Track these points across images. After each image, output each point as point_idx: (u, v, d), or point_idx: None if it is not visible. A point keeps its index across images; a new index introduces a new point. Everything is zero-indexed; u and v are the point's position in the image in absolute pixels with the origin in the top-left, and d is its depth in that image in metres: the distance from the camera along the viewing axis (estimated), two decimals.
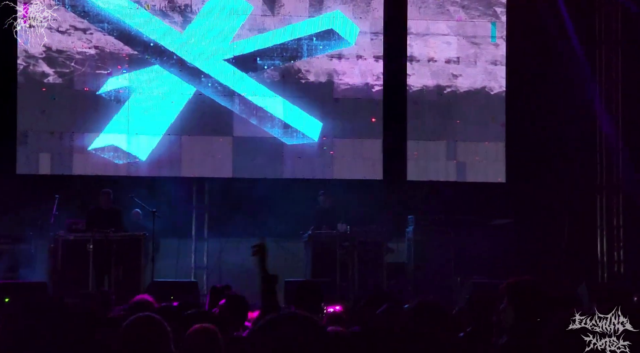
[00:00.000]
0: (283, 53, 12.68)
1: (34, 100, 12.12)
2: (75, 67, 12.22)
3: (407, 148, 12.89)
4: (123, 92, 12.31)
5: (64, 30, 12.23)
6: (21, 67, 12.12)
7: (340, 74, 12.79)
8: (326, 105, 12.70)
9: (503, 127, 13.04)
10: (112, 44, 12.32)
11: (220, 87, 12.50)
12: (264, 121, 12.58)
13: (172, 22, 12.49)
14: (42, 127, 12.13)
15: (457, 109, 13.02)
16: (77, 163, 12.19)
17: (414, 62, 12.98)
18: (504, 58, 13.10)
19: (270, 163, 12.54)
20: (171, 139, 12.39)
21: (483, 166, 13.05)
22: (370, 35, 12.85)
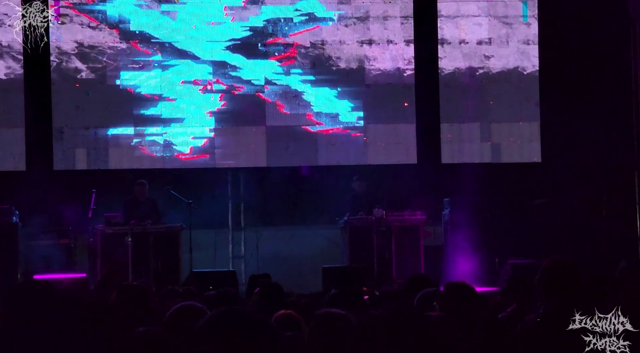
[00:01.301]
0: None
1: (68, 96, 12.24)
2: (107, 62, 12.31)
3: (440, 131, 12.84)
4: (156, 86, 12.38)
5: (95, 26, 12.32)
6: (54, 64, 12.23)
7: (372, 60, 12.74)
8: (358, 91, 12.67)
9: (537, 107, 12.93)
10: (143, 37, 12.38)
11: (252, 78, 12.52)
12: (297, 110, 12.59)
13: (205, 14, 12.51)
14: (77, 123, 12.24)
15: (490, 90, 12.93)
16: (112, 157, 12.29)
17: (445, 45, 12.90)
18: (537, 37, 12.97)
19: (304, 151, 12.56)
20: (205, 130, 12.44)
21: (518, 146, 12.96)
22: (400, 20, 12.78)
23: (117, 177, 12.01)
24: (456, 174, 12.39)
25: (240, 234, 12.65)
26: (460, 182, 12.26)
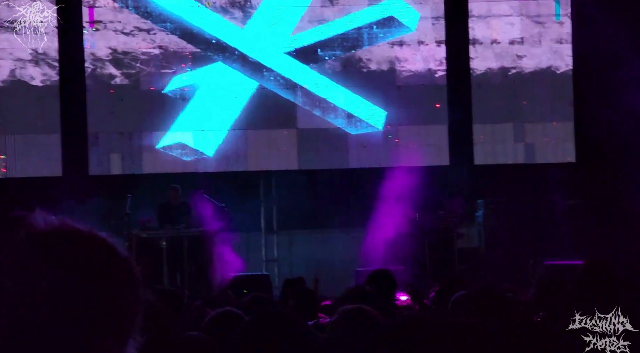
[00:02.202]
0: (344, 43, 12.68)
1: (103, 102, 12.38)
2: (141, 67, 12.43)
3: (473, 132, 12.78)
4: (188, 90, 12.48)
5: (129, 31, 12.45)
6: (89, 70, 12.38)
7: (402, 61, 12.72)
8: (389, 93, 12.66)
9: (571, 107, 12.81)
10: (175, 43, 12.49)
11: (282, 81, 12.57)
12: (328, 112, 12.60)
13: (232, 17, 12.60)
14: (111, 128, 12.38)
15: (523, 90, 12.84)
16: (146, 161, 12.41)
17: (476, 45, 12.83)
18: (570, 36, 12.85)
19: (335, 154, 12.57)
20: (236, 134, 12.51)
21: (552, 146, 12.85)
22: (431, 20, 12.74)
23: (151, 181, 12.12)
24: (489, 176, 12.32)
25: (272, 237, 12.70)
26: (494, 183, 12.20)
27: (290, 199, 12.46)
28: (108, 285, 1.20)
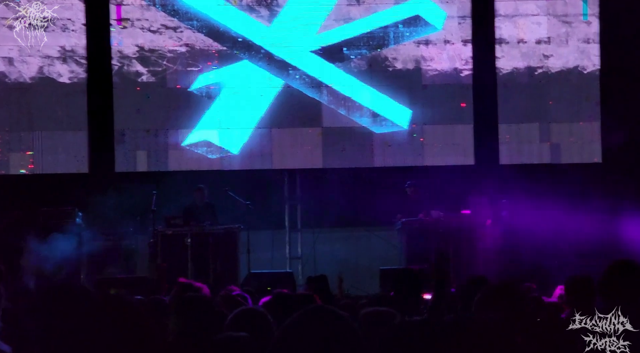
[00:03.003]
0: (369, 42, 12.67)
1: (129, 99, 12.46)
2: (167, 65, 12.50)
3: (498, 132, 12.73)
4: (214, 88, 12.53)
5: (155, 29, 12.52)
6: (116, 68, 12.46)
7: (428, 60, 12.69)
8: (415, 92, 12.64)
9: (598, 107, 12.73)
10: (202, 41, 12.54)
11: (308, 79, 12.59)
12: (353, 111, 12.60)
13: (258, 16, 12.63)
14: (138, 126, 12.46)
15: (550, 90, 12.77)
16: (172, 159, 12.48)
17: (503, 44, 12.78)
18: (597, 36, 12.77)
19: (360, 152, 12.57)
20: (261, 132, 12.55)
21: (578, 146, 12.78)
22: (457, 19, 12.71)
23: (176, 178, 12.18)
24: (515, 175, 12.26)
25: (297, 235, 12.72)
26: (519, 183, 12.14)
27: (314, 198, 12.48)
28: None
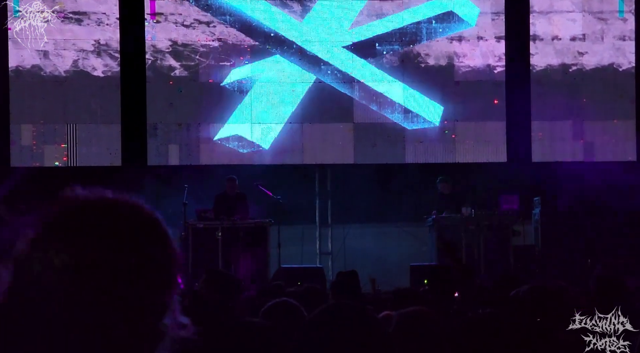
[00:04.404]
0: (402, 37, 12.64)
1: (162, 93, 12.53)
2: (200, 59, 12.55)
3: (531, 129, 12.64)
4: (246, 83, 12.57)
5: (189, 24, 12.58)
6: (149, 62, 12.54)
7: (461, 57, 12.63)
8: (447, 88, 12.59)
9: (633, 104, 12.59)
10: (234, 35, 12.59)
11: (339, 75, 12.58)
12: (384, 107, 12.58)
13: (291, 11, 12.64)
14: (170, 120, 12.53)
15: (584, 88, 12.66)
16: (203, 153, 12.54)
17: (537, 41, 12.68)
18: (633, 33, 12.63)
19: (391, 149, 12.55)
20: (293, 127, 12.57)
21: (612, 145, 12.66)
22: (491, 16, 12.63)
23: (207, 172, 12.24)
24: (547, 173, 12.18)
25: (327, 230, 12.73)
26: (552, 181, 12.06)
27: (345, 193, 12.48)
28: (144, 244, 1.29)
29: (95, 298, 1.23)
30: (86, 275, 1.23)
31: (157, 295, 1.28)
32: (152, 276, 1.28)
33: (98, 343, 1.23)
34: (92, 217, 1.29)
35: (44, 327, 1.21)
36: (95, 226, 1.28)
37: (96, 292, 1.23)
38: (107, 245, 1.26)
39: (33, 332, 1.21)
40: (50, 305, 1.21)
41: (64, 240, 1.26)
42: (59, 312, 1.21)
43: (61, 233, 1.26)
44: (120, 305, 1.24)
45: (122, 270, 1.25)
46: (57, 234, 1.26)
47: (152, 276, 1.28)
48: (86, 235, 1.26)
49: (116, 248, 1.26)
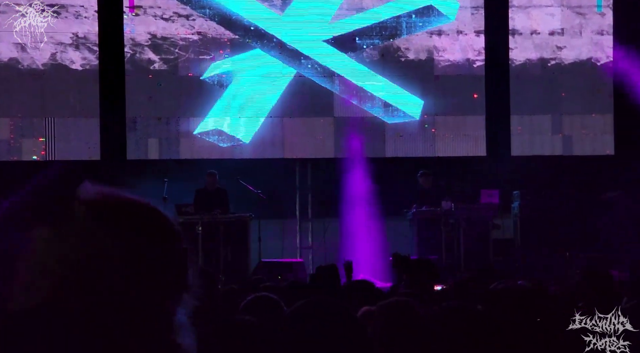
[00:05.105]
0: (382, 32, 12.65)
1: (141, 87, 12.46)
2: (180, 53, 12.49)
3: (510, 123, 12.70)
4: (226, 77, 12.53)
5: (168, 17, 12.51)
6: (128, 55, 12.46)
7: (441, 51, 12.66)
8: (427, 82, 12.62)
9: (611, 99, 12.69)
10: (214, 29, 12.54)
11: (320, 68, 12.57)
12: (365, 101, 12.59)
13: (271, 5, 12.61)
14: (149, 113, 12.47)
15: (562, 82, 12.74)
16: (183, 147, 12.49)
17: (516, 36, 12.74)
18: (611, 27, 12.72)
19: (371, 143, 12.56)
20: (273, 121, 12.55)
21: (590, 138, 12.75)
22: (470, 10, 12.66)
23: (187, 167, 12.19)
24: (526, 167, 12.25)
25: (307, 224, 12.73)
26: (530, 175, 12.13)
27: (325, 187, 12.48)
28: (157, 244, 1.30)
29: (110, 295, 1.24)
30: (101, 272, 1.23)
31: (164, 296, 1.28)
32: (161, 277, 1.28)
33: (111, 340, 1.22)
34: (105, 215, 1.30)
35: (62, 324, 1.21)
36: (113, 224, 1.29)
37: (111, 290, 1.24)
38: (124, 243, 1.27)
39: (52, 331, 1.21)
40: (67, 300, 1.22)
41: (82, 236, 1.26)
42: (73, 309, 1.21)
43: (80, 229, 1.27)
44: (132, 304, 1.24)
45: (137, 270, 1.26)
46: (76, 230, 1.27)
47: (160, 277, 1.28)
48: (104, 232, 1.27)
49: (132, 246, 1.27)
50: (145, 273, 1.26)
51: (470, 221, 11.43)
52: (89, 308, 1.23)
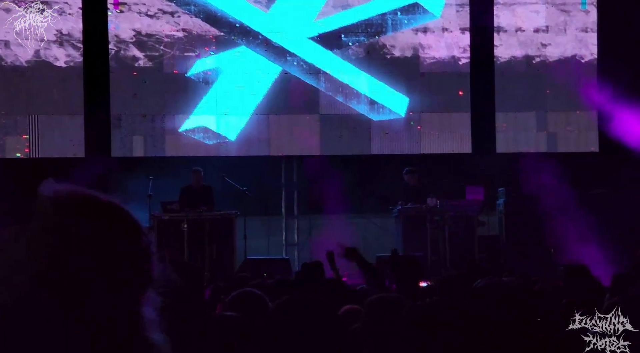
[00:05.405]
0: (368, 29, 12.65)
1: (126, 84, 12.41)
2: (164, 50, 12.46)
3: (496, 120, 12.74)
4: (211, 74, 12.50)
5: (153, 14, 12.47)
6: (113, 52, 12.42)
7: (426, 48, 12.68)
8: (412, 80, 12.63)
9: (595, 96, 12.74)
10: (199, 26, 12.50)
11: (305, 66, 12.56)
12: (350, 98, 12.60)
13: (256, 1, 12.59)
14: (134, 111, 12.42)
15: (547, 79, 12.79)
16: (169, 144, 12.46)
17: (501, 33, 12.77)
18: (595, 25, 12.77)
19: (357, 140, 12.57)
20: (259, 118, 12.53)
21: (575, 135, 12.80)
22: (455, 7, 12.69)
23: (173, 164, 12.16)
24: (511, 164, 12.29)
25: (293, 222, 12.73)
26: (516, 171, 12.16)
27: (310, 184, 12.47)
28: (120, 239, 1.31)
29: (76, 291, 1.24)
30: (66, 268, 1.24)
31: (131, 291, 1.28)
32: (127, 272, 1.28)
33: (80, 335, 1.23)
34: (68, 211, 1.30)
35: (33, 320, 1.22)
36: (72, 221, 1.29)
37: (76, 285, 1.25)
38: (87, 240, 1.27)
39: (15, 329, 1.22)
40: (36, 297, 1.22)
41: (46, 233, 1.27)
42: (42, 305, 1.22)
43: (43, 226, 1.27)
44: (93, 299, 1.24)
45: (100, 265, 1.27)
46: (40, 227, 1.27)
47: (126, 271, 1.28)
48: (67, 229, 1.27)
49: (92, 242, 1.28)
50: (109, 268, 1.27)
51: (455, 218, 11.45)
52: (57, 304, 1.23)
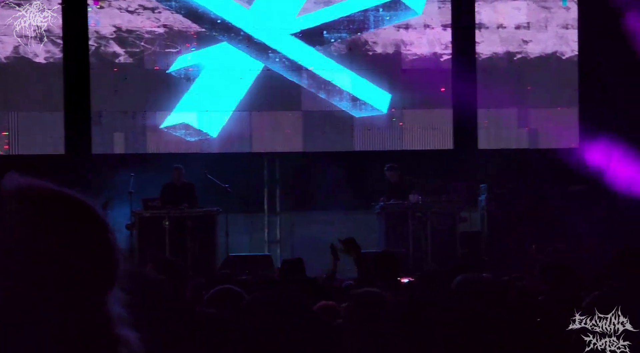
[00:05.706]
0: (349, 25, 12.64)
1: (107, 80, 12.34)
2: (145, 46, 12.39)
3: (477, 117, 12.77)
4: (192, 70, 12.44)
5: (133, 9, 12.39)
6: (93, 48, 12.33)
7: (408, 45, 12.69)
8: (394, 76, 12.63)
9: (576, 92, 12.80)
10: (180, 22, 12.44)
11: (287, 62, 12.53)
12: (333, 95, 12.58)
13: None
14: (115, 107, 12.35)
15: (528, 76, 12.83)
16: (150, 141, 12.39)
17: (482, 30, 12.80)
18: (576, 21, 12.82)
19: (339, 136, 12.56)
20: (241, 115, 12.49)
21: (556, 132, 12.85)
22: (437, 4, 12.70)
23: (154, 161, 12.10)
24: (493, 160, 12.33)
25: (275, 218, 12.71)
26: (497, 168, 12.21)
27: (293, 181, 12.46)
28: (83, 234, 1.27)
29: (40, 286, 1.22)
30: (29, 263, 1.22)
31: (93, 292, 1.25)
32: (91, 267, 1.25)
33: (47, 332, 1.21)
34: (31, 206, 1.27)
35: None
36: (33, 216, 1.26)
37: (40, 281, 1.22)
38: (45, 236, 1.24)
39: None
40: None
41: (7, 227, 1.24)
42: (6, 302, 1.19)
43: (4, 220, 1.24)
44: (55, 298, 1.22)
45: (64, 260, 1.24)
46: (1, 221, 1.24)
47: (90, 267, 1.25)
48: (25, 223, 1.24)
49: (54, 239, 1.25)
50: (73, 263, 1.24)
51: (437, 215, 11.48)
52: (21, 301, 1.21)
